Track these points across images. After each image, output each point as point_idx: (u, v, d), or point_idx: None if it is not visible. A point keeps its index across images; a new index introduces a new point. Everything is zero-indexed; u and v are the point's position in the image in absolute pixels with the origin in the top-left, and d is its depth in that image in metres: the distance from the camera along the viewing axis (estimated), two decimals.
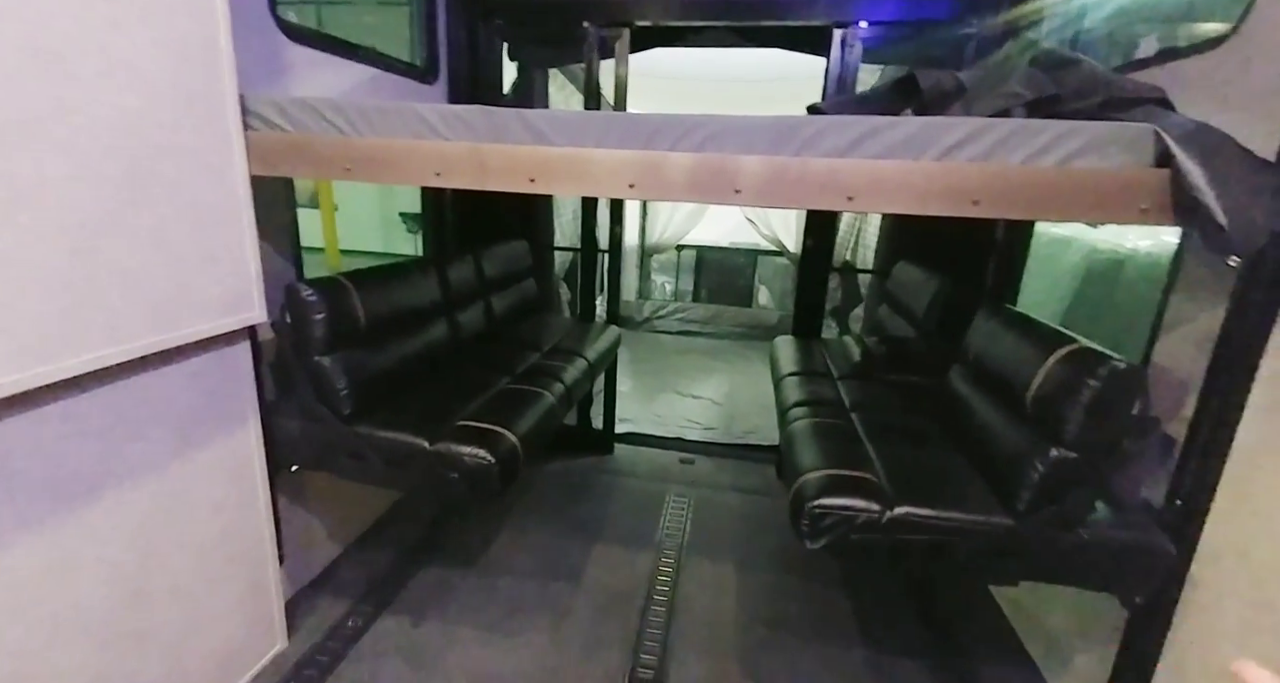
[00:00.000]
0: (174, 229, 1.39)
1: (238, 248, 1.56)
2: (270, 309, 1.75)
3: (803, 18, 2.79)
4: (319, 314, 1.73)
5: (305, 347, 1.76)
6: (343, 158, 1.52)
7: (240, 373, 1.68)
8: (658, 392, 4.52)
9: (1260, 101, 1.35)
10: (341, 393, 1.79)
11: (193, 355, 1.53)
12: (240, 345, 1.67)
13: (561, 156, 1.47)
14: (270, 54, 1.83)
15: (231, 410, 1.67)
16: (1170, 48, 1.87)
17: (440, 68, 2.79)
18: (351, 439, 1.79)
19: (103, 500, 1.36)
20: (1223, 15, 2.67)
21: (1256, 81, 1.38)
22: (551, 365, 2.49)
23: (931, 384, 2.17)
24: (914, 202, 1.36)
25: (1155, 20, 2.55)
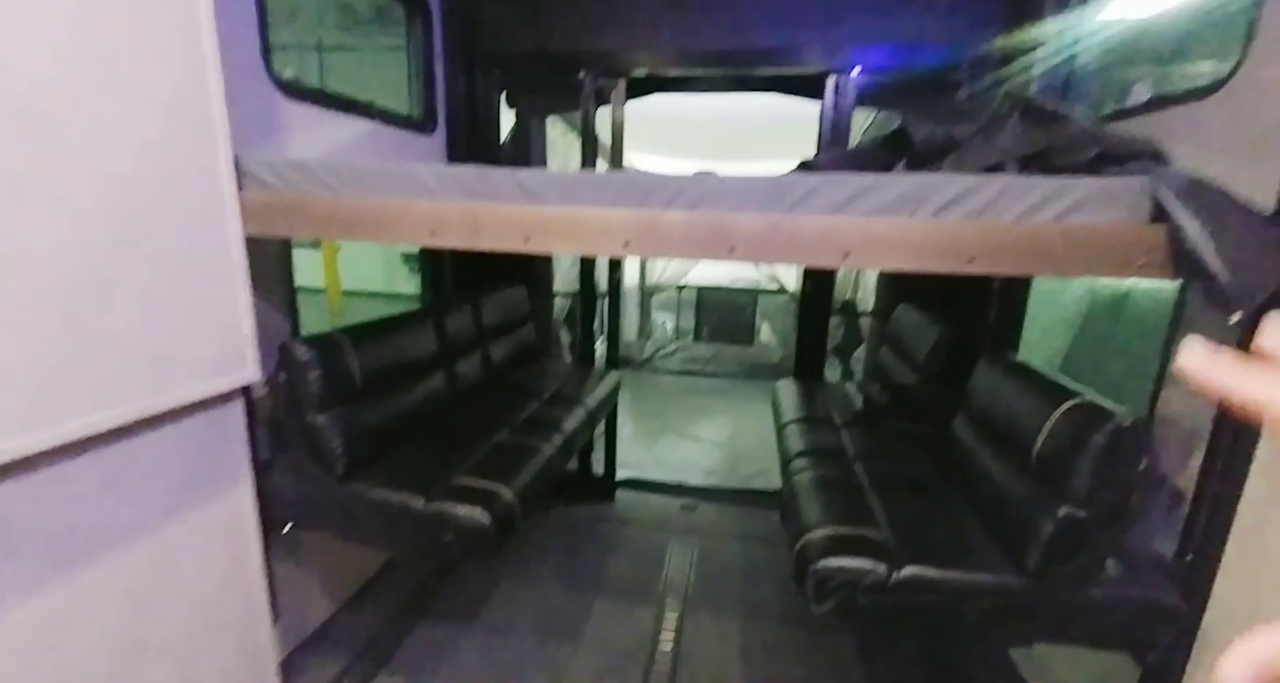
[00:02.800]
0: (166, 291, 1.38)
1: (231, 308, 1.55)
2: (265, 366, 1.73)
3: (797, 65, 2.84)
4: (313, 372, 1.71)
5: (300, 405, 1.74)
6: (336, 218, 1.52)
7: (233, 433, 1.65)
8: (659, 434, 4.46)
9: (1257, 151, 1.35)
10: (335, 452, 1.75)
11: (185, 417, 1.50)
12: (233, 405, 1.64)
13: (556, 216, 1.47)
14: (266, 111, 1.86)
15: (225, 471, 1.64)
16: (1162, 95, 1.89)
17: (438, 117, 2.85)
18: (345, 498, 1.74)
19: (96, 563, 1.33)
20: (1212, 55, 2.72)
21: (1253, 131, 1.38)
22: (550, 415, 2.45)
23: (935, 432, 2.12)
24: (910, 258, 1.34)
25: (1145, 63, 2.60)
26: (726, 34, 2.81)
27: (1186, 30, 2.72)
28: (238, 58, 1.72)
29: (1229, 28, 1.81)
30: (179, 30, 1.36)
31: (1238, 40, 1.45)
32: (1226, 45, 1.70)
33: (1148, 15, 2.49)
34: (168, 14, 1.33)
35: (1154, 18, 2.53)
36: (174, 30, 1.35)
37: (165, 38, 1.33)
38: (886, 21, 2.71)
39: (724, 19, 2.80)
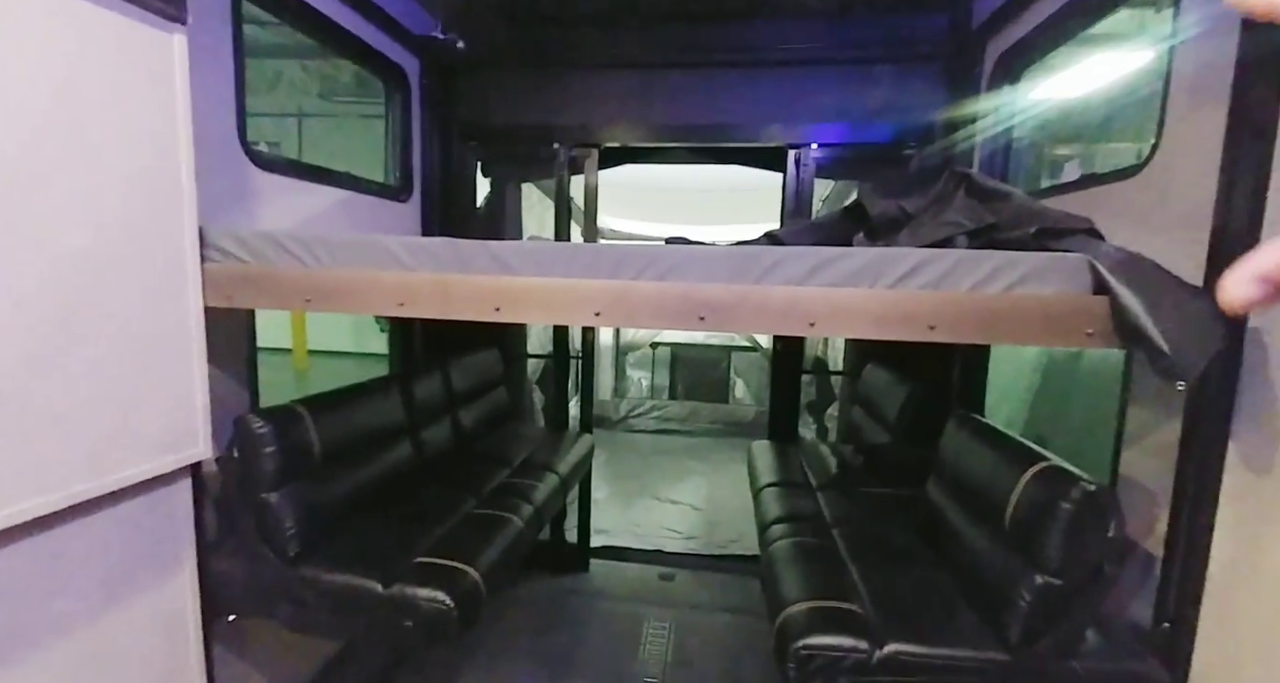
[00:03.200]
0: (115, 366, 1.33)
1: (185, 381, 1.49)
2: (219, 440, 1.65)
3: (760, 140, 3.02)
4: (269, 447, 1.63)
5: (252, 482, 1.64)
6: (303, 289, 1.51)
7: (178, 515, 1.55)
8: (635, 498, 4.34)
9: (1180, 227, 1.45)
10: (288, 532, 1.65)
11: (127, 499, 1.41)
12: (180, 484, 1.54)
13: (527, 286, 1.48)
14: (239, 183, 1.87)
15: (166, 557, 1.52)
16: (1092, 174, 2.06)
17: (414, 185, 2.90)
18: (296, 583, 1.62)
19: (20, 662, 1.21)
20: (1130, 137, 3.01)
21: (1174, 208, 1.49)
22: (521, 484, 2.38)
23: (910, 495, 2.11)
24: (873, 327, 1.38)
25: (1072, 140, 2.85)
26: (694, 110, 2.98)
27: (1105, 114, 3.00)
28: (213, 132, 1.75)
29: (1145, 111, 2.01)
30: (155, 108, 1.38)
31: (1153, 123, 1.60)
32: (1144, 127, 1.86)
33: (1072, 97, 2.75)
34: (145, 92, 1.36)
35: (1078, 100, 2.79)
36: (150, 108, 1.37)
37: (140, 115, 1.35)
38: (840, 100, 2.92)
39: (691, 96, 2.98)
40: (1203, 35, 1.44)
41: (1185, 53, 1.51)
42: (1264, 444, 1.22)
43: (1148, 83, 2.28)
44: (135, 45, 1.31)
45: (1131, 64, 2.44)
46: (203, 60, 1.68)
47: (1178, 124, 1.51)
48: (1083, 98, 2.83)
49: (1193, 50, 1.48)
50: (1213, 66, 1.37)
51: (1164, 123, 1.56)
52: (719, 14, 2.88)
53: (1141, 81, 2.41)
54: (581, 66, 3.03)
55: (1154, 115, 1.59)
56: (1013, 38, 2.33)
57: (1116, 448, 1.67)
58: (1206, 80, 1.40)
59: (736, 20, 2.90)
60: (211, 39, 1.73)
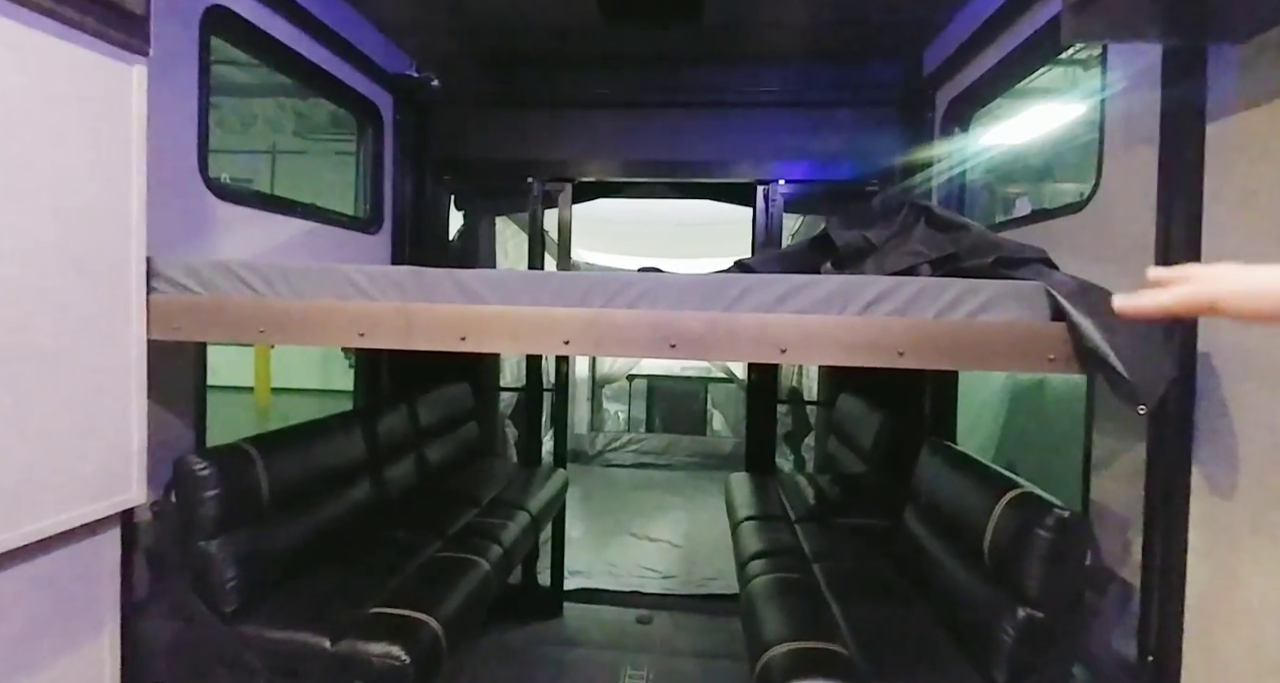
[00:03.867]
0: (42, 405, 1.23)
1: (120, 421, 1.39)
2: (158, 484, 1.54)
3: (729, 176, 3.09)
4: (210, 491, 1.52)
5: (189, 530, 1.52)
6: (257, 320, 1.44)
7: (103, 570, 1.41)
8: (611, 535, 4.21)
9: (1124, 259, 1.50)
10: (227, 585, 1.52)
11: (43, 553, 1.28)
12: (107, 535, 1.42)
13: (495, 315, 1.44)
14: (199, 214, 1.82)
15: (85, 618, 1.38)
16: (1042, 209, 2.14)
17: (385, 217, 2.87)
18: (233, 644, 1.49)
19: None
20: (1073, 177, 3.19)
21: (1117, 241, 1.55)
22: (489, 524, 2.27)
23: (888, 527, 2.08)
24: (843, 354, 1.37)
25: (1023, 180, 3.01)
26: (666, 147, 3.05)
27: (1049, 157, 3.18)
28: (173, 162, 1.71)
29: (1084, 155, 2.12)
30: (108, 138, 1.34)
31: (1091, 166, 1.68)
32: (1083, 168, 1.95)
33: (1020, 142, 2.91)
34: (98, 122, 1.31)
35: (1025, 145, 2.96)
36: (103, 138, 1.32)
37: (91, 145, 1.30)
38: (805, 140, 3.03)
39: (664, 134, 3.05)
40: (1129, 87, 1.55)
41: (1115, 102, 1.61)
42: (1226, 468, 1.23)
43: (1084, 131, 2.47)
44: (91, 76, 1.28)
45: (1070, 114, 2.61)
46: (166, 92, 1.65)
47: (1115, 165, 1.59)
48: (1029, 143, 3.01)
49: (1121, 100, 1.58)
50: (1140, 114, 1.46)
51: (1102, 164, 1.64)
52: (690, 58, 2.98)
53: (1079, 129, 2.58)
54: (556, 104, 3.08)
55: (1093, 158, 1.68)
56: (960, 86, 2.47)
57: (1086, 474, 1.68)
58: (1136, 126, 1.49)
59: (706, 64, 3.01)
60: (176, 71, 1.70)
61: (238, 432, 1.95)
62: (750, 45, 2.89)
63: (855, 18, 2.60)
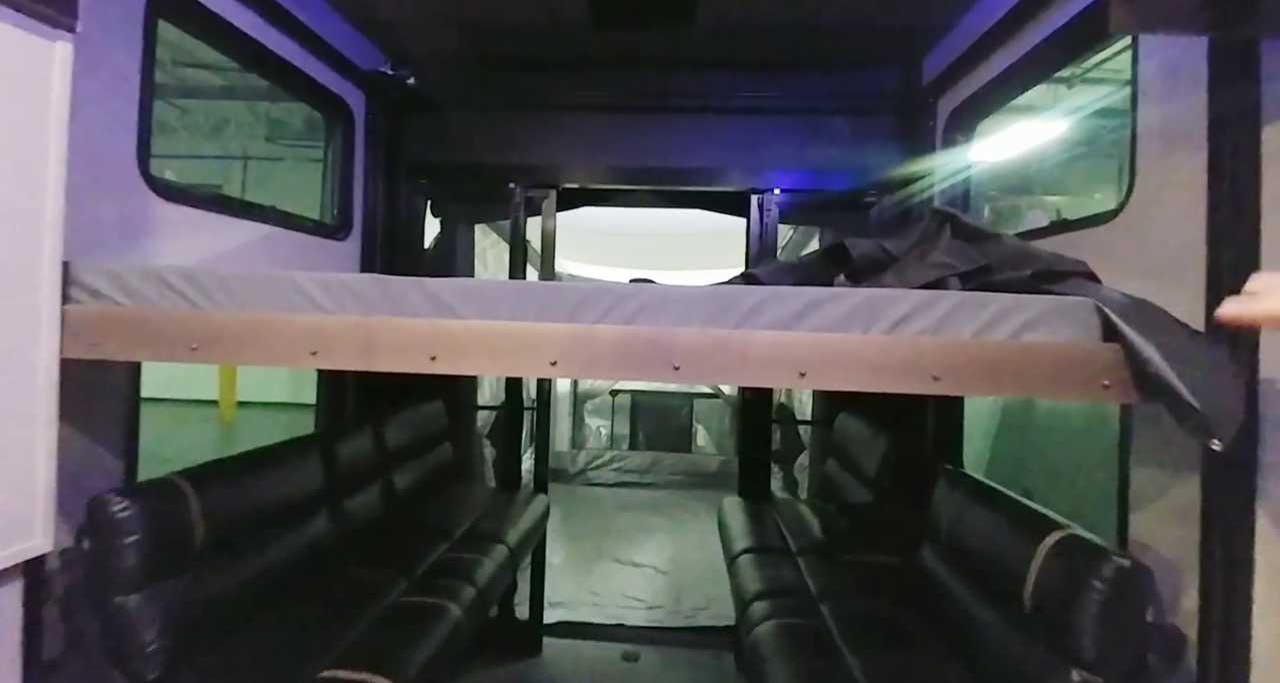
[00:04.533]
0: None
1: (23, 454, 1.17)
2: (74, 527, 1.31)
3: (722, 185, 2.96)
4: (131, 536, 1.28)
5: (105, 582, 1.28)
6: (190, 335, 1.23)
7: (2, 630, 1.18)
8: (594, 561, 3.98)
9: (1167, 272, 1.38)
10: (149, 648, 1.28)
11: None
12: (6, 589, 1.19)
13: (469, 331, 1.25)
14: (136, 215, 1.60)
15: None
16: (1063, 220, 2.04)
17: (354, 223, 2.66)
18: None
19: None
20: (1077, 191, 3.15)
21: (1158, 253, 1.43)
22: (462, 560, 2.05)
23: (901, 563, 1.92)
24: (870, 377, 1.22)
25: (1030, 193, 2.94)
26: (655, 153, 2.91)
27: (1063, 166, 3.12)
28: (106, 155, 1.50)
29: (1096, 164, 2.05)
30: (19, 123, 1.13)
31: (1098, 180, 1.57)
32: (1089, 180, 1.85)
33: (1029, 152, 2.86)
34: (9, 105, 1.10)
35: (1034, 154, 2.90)
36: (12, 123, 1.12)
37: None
38: (800, 148, 2.91)
39: (653, 139, 2.91)
40: (1166, 88, 1.44)
41: (1149, 105, 1.50)
42: None
43: (1091, 142, 2.44)
44: (3, 52, 1.07)
45: (1067, 127, 2.55)
46: (103, 78, 1.45)
47: (1151, 172, 1.48)
48: (1038, 153, 2.96)
49: (1156, 102, 1.47)
50: (1181, 117, 1.35)
51: (1135, 171, 1.52)
52: (682, 61, 2.86)
53: (1094, 140, 2.53)
54: (541, 107, 2.92)
55: (1106, 166, 1.57)
56: (963, 95, 2.38)
57: (1122, 510, 1.54)
58: (1176, 130, 1.38)
59: (699, 68, 2.88)
60: (115, 55, 1.50)
61: (196, 453, 1.72)
62: (744, 49, 2.77)
63: (852, 23, 2.50)
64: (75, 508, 1.33)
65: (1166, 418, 1.14)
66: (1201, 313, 1.27)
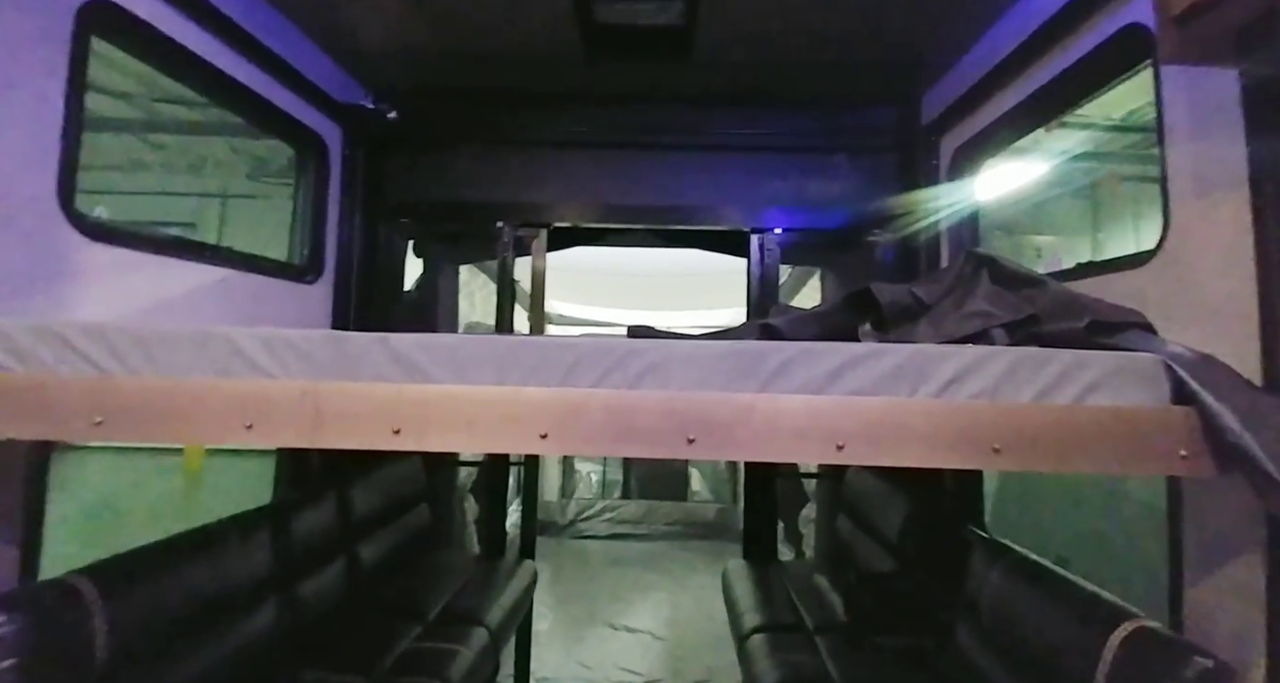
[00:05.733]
0: None
1: None
2: None
3: (720, 223, 2.83)
4: (4, 660, 1.01)
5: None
6: (91, 406, 1.00)
7: None
8: (585, 626, 3.66)
9: (1211, 319, 1.22)
10: None
11: None
12: None
13: (443, 398, 1.04)
14: (55, 257, 1.38)
15: None
16: (1090, 262, 1.90)
17: (325, 264, 2.46)
18: None
19: None
20: (1057, 231, 3.06)
21: (1198, 298, 1.28)
22: (435, 650, 1.77)
23: (934, 647, 1.68)
24: (921, 451, 1.02)
25: (1046, 232, 2.86)
26: (650, 190, 2.78)
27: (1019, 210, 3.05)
28: (19, 190, 1.29)
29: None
30: None
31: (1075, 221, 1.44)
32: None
33: (1010, 193, 2.77)
34: None
35: (1017, 196, 2.82)
36: None
37: None
38: (799, 186, 2.81)
39: (648, 176, 2.79)
40: (1195, 121, 1.33)
41: (1179, 140, 1.38)
42: None
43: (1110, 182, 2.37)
44: None
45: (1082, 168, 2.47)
46: (18, 101, 1.26)
47: (1188, 211, 1.35)
48: (1024, 193, 2.90)
49: (1186, 136, 1.35)
50: (1218, 153, 1.23)
51: (1170, 210, 1.39)
52: (678, 97, 2.77)
53: None
54: (530, 143, 2.79)
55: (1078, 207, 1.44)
56: (967, 134, 2.31)
57: (1175, 586, 1.33)
58: (1212, 166, 1.26)
59: (695, 103, 2.79)
60: (33, 78, 1.31)
61: (158, 506, 1.44)
62: (741, 85, 2.69)
63: (849, 61, 2.44)
64: None
65: (1226, 482, 0.99)
66: (1256, 367, 1.11)
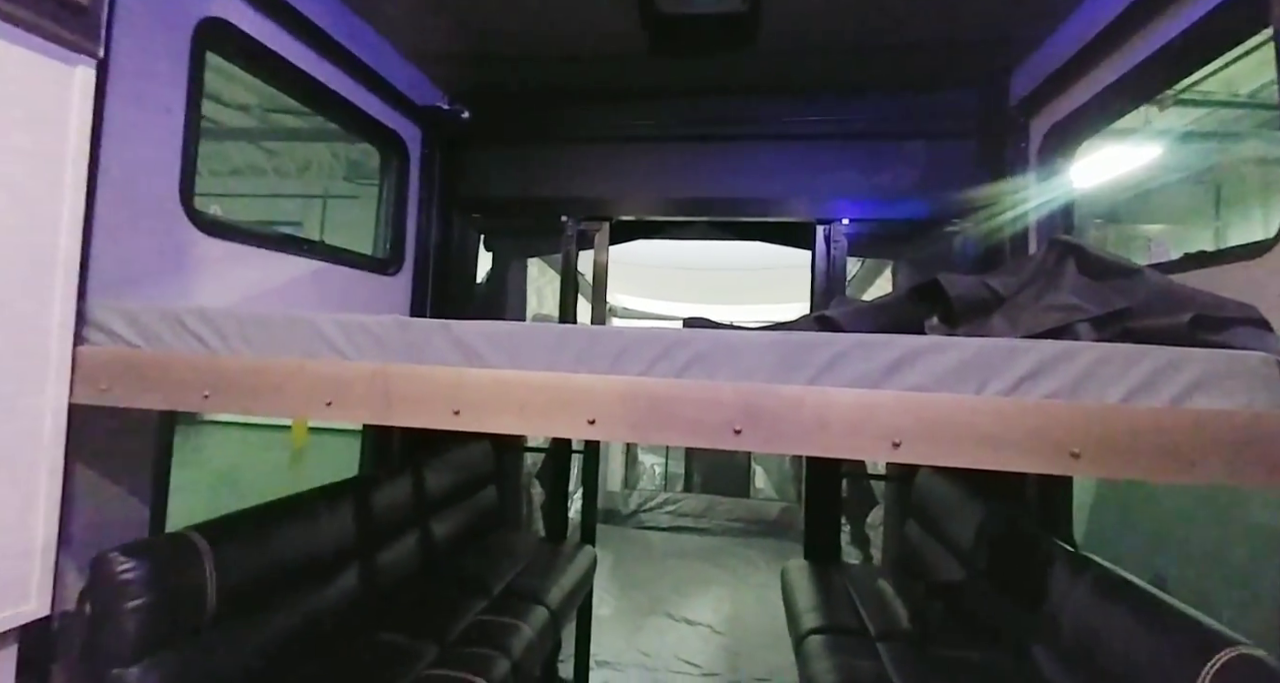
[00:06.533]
0: None
1: (19, 510, 1.08)
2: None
3: (784, 215, 2.75)
4: (134, 600, 1.17)
5: (102, 652, 1.17)
6: (202, 381, 1.13)
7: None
8: (645, 615, 3.70)
9: None
10: None
11: None
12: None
13: (497, 382, 1.09)
14: (177, 249, 1.57)
15: None
16: (1199, 252, 1.70)
17: (406, 258, 2.63)
18: None
19: None
20: (1191, 217, 2.72)
21: None
22: (499, 624, 1.86)
23: (1010, 664, 1.57)
24: (986, 452, 0.96)
25: (1158, 220, 2.56)
26: (713, 182, 2.75)
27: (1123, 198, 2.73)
28: (147, 190, 1.47)
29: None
30: (31, 152, 1.08)
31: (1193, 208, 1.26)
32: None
33: (1109, 180, 2.50)
34: (20, 132, 1.06)
35: (1117, 183, 2.55)
36: (23, 152, 1.07)
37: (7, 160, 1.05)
38: (870, 175, 2.68)
39: (710, 168, 2.76)
40: None
41: None
42: None
43: None
44: (12, 76, 1.04)
45: None
46: (145, 109, 1.43)
47: None
48: (1127, 179, 2.61)
49: None
50: None
51: None
52: (741, 87, 2.72)
53: None
54: (594, 138, 2.84)
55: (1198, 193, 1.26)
56: (1063, 111, 2.11)
57: None
58: None
59: (759, 93, 2.73)
60: (158, 87, 1.49)
61: (261, 481, 1.63)
62: (808, 72, 2.59)
63: (929, 41, 2.29)
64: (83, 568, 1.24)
65: None
66: None
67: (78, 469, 1.23)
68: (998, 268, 2.38)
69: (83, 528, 1.23)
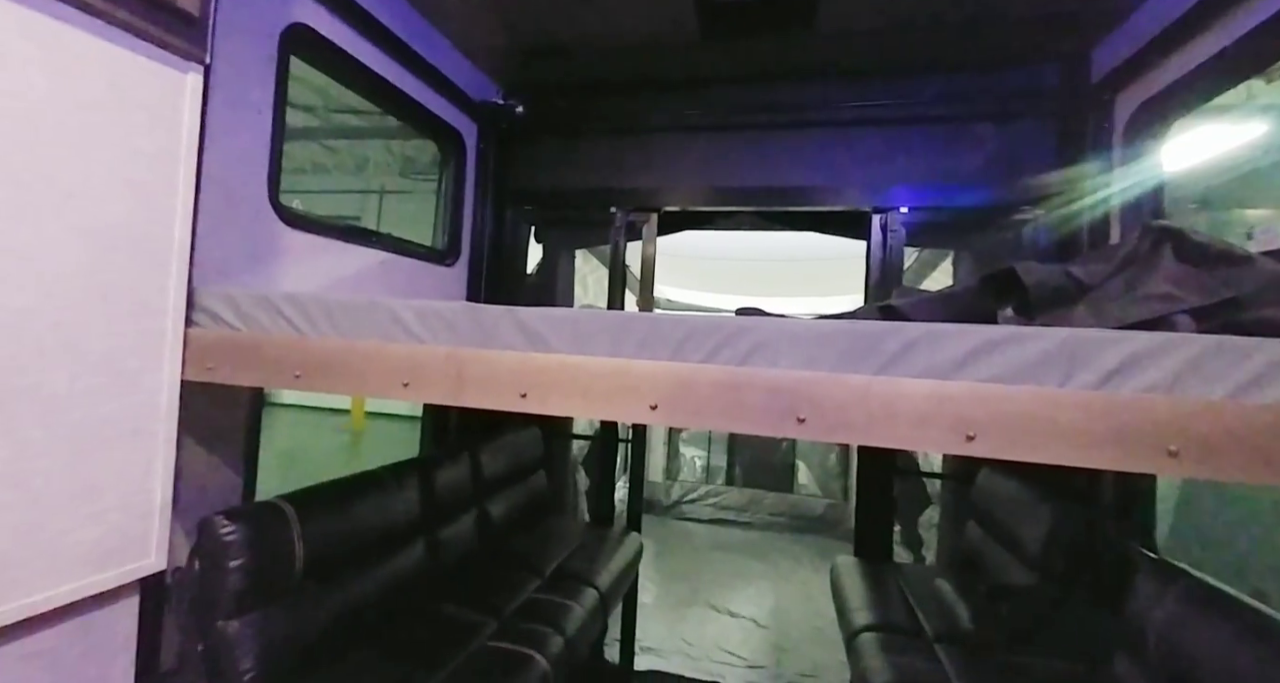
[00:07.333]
0: (46, 457, 1.05)
1: (141, 475, 1.20)
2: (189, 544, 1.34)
3: (839, 203, 2.69)
4: (236, 559, 1.28)
5: (209, 605, 1.29)
6: (293, 362, 1.22)
7: (111, 648, 1.21)
8: (688, 605, 3.73)
9: None
10: (245, 677, 1.26)
11: (44, 627, 1.09)
12: (121, 605, 1.22)
13: (562, 367, 1.13)
14: (266, 241, 1.68)
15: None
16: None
17: (462, 249, 2.72)
18: None
19: None
20: None
21: None
22: (552, 603, 1.93)
23: (1086, 675, 1.51)
24: (1071, 447, 0.93)
25: (1265, 204, 2.37)
26: (762, 171, 2.71)
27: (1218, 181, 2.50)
28: (239, 185, 1.58)
29: None
30: (152, 151, 1.19)
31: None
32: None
33: (1204, 161, 2.31)
34: (142, 134, 1.16)
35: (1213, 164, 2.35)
36: (145, 151, 1.17)
37: (130, 159, 1.15)
38: (932, 160, 2.58)
39: (760, 157, 2.72)
40: None
41: None
42: None
43: None
44: (134, 81, 1.14)
45: None
46: (239, 111, 1.54)
47: None
48: (1226, 159, 2.41)
49: None
50: None
51: None
52: (792, 72, 2.66)
53: None
54: (642, 129, 2.85)
55: None
56: (1150, 90, 1.97)
57: None
58: None
59: (810, 78, 2.67)
60: (250, 89, 1.59)
61: (323, 461, 1.75)
62: (866, 53, 2.51)
63: (1001, 15, 2.18)
64: (190, 529, 1.36)
65: None
66: None
67: (185, 441, 1.34)
68: (1074, 257, 2.28)
69: (189, 493, 1.35)
